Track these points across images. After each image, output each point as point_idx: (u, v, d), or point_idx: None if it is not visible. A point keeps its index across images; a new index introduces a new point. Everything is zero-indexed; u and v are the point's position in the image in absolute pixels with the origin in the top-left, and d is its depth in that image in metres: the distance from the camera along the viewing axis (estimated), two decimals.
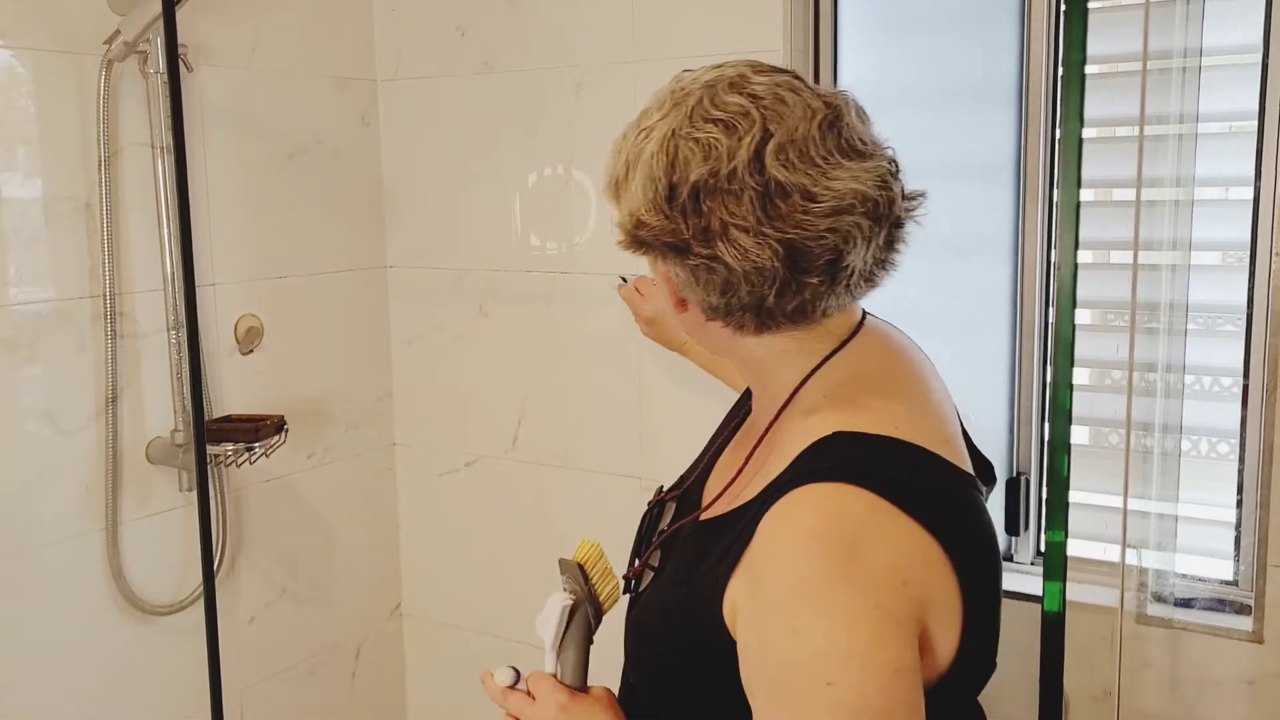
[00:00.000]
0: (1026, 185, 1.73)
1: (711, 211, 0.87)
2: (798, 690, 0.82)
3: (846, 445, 0.90)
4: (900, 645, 0.83)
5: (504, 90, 1.99)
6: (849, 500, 0.86)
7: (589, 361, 1.99)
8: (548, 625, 1.04)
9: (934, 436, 0.94)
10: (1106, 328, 1.80)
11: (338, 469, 2.14)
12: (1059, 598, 0.79)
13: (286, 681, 2.09)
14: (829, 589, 0.83)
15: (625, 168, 0.94)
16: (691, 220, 0.88)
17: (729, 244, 0.87)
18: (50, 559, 1.69)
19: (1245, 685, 1.55)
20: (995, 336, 1.79)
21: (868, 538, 0.84)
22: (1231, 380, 1.64)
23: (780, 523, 0.87)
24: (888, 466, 0.88)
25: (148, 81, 1.73)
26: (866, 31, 1.76)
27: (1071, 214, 0.74)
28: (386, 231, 2.18)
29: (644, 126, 0.93)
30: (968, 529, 0.91)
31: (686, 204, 0.88)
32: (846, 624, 0.82)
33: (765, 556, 0.87)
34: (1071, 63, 0.69)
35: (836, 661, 0.81)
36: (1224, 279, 1.63)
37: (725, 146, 0.87)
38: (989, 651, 0.95)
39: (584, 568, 1.07)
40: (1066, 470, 0.78)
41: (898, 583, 0.84)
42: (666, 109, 0.92)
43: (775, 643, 0.84)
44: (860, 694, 0.81)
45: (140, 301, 1.76)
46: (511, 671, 1.06)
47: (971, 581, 0.89)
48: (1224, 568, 1.63)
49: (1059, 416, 0.74)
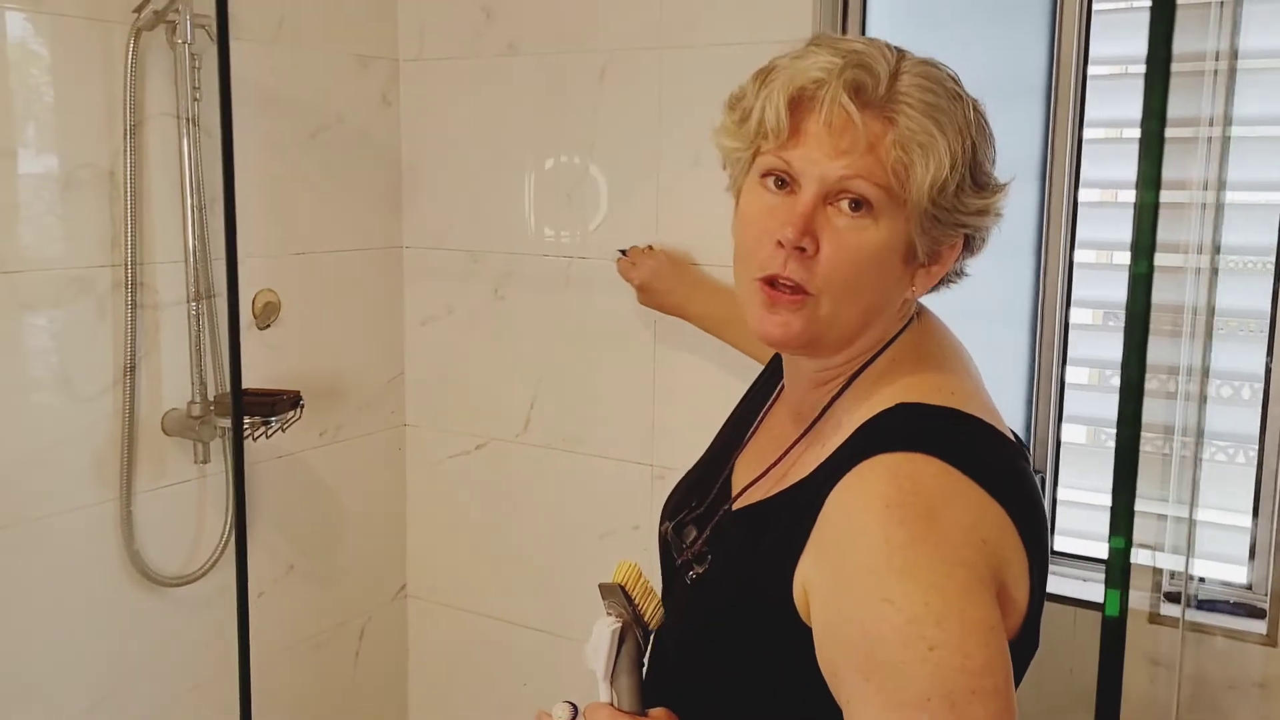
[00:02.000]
0: (1052, 183, 1.73)
1: (993, 190, 0.96)
2: (895, 661, 0.81)
3: (910, 416, 0.91)
4: (989, 601, 0.83)
5: (527, 74, 1.99)
6: (921, 467, 0.86)
7: (603, 347, 1.98)
8: (598, 654, 1.01)
9: (986, 408, 0.95)
10: (1106, 328, 1.81)
11: (348, 447, 2.14)
12: (1118, 603, 0.79)
13: (291, 658, 2.09)
14: (914, 553, 0.82)
15: (960, 139, 0.93)
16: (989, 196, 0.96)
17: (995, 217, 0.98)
18: (63, 527, 1.69)
19: (1258, 688, 1.55)
20: (1015, 334, 1.79)
21: (943, 501, 0.85)
22: (1240, 385, 1.64)
23: (853, 495, 0.87)
24: (952, 436, 0.89)
25: (175, 52, 1.72)
26: (895, 22, 1.75)
27: (1149, 215, 0.74)
28: (404, 211, 2.18)
29: (954, 93, 0.94)
30: (1027, 498, 0.91)
31: (990, 182, 0.96)
32: (937, 585, 0.81)
33: (840, 531, 0.87)
34: (1156, 59, 0.69)
35: (933, 624, 0.80)
36: (1244, 283, 1.63)
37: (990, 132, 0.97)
38: (1037, 628, 0.95)
39: (625, 589, 1.03)
40: (1134, 475, 0.78)
41: (977, 541, 0.85)
42: (951, 83, 0.95)
43: (864, 616, 0.83)
44: (961, 653, 0.80)
45: (161, 272, 1.76)
46: (569, 707, 1.03)
47: (1032, 549, 0.89)
48: (1238, 572, 1.64)
49: (1126, 419, 0.74)
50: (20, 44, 1.57)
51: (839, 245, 0.91)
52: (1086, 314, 1.80)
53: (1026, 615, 0.90)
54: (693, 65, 1.80)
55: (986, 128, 0.96)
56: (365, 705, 2.26)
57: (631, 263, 1.83)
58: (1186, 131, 1.58)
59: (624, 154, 1.91)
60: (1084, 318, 1.79)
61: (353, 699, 2.23)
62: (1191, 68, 1.57)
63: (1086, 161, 1.72)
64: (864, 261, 0.91)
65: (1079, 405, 1.79)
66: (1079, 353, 1.78)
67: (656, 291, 1.80)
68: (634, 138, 1.88)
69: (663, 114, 1.85)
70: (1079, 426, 1.82)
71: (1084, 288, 1.76)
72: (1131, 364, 0.73)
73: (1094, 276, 1.76)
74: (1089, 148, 1.71)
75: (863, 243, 0.91)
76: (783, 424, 1.07)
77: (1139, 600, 1.62)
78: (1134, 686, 1.62)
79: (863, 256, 0.91)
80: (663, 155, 1.86)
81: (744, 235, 0.96)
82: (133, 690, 1.81)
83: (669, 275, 1.80)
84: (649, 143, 1.86)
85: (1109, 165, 1.74)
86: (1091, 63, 1.70)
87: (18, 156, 1.58)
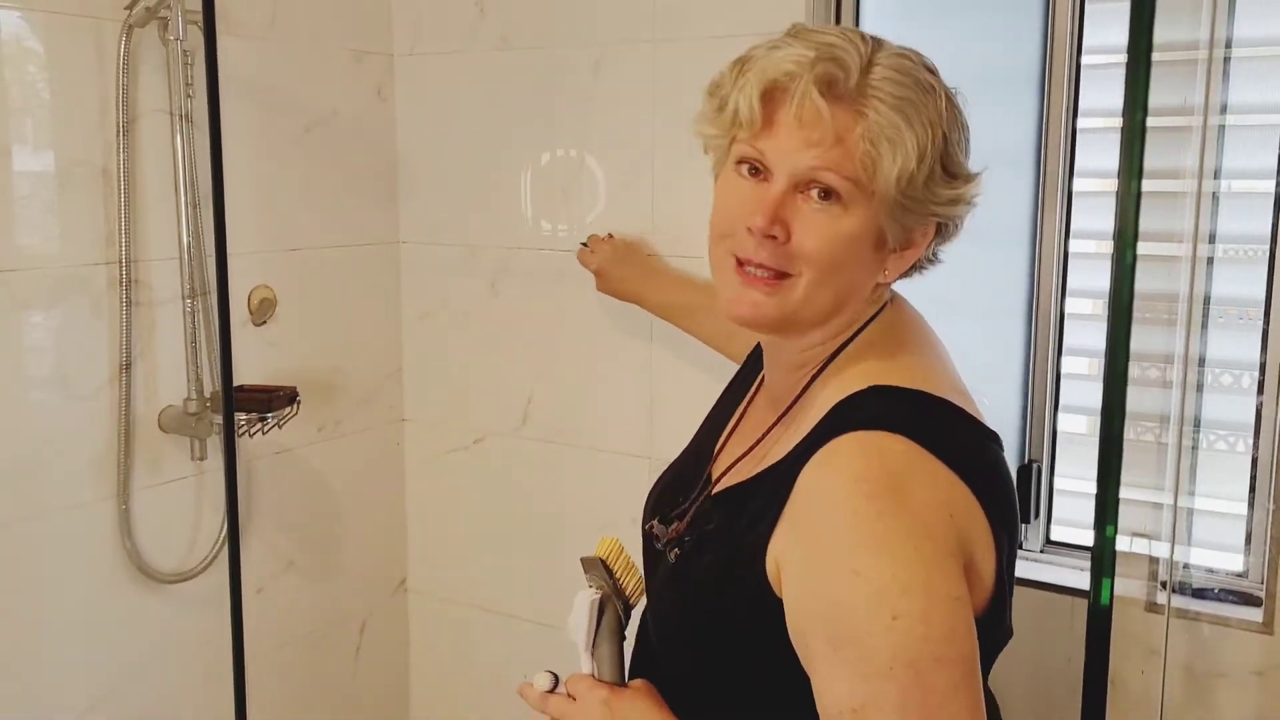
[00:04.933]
0: (1046, 173, 1.72)
1: (965, 180, 0.97)
2: (860, 630, 0.83)
3: (881, 397, 0.93)
4: (955, 574, 0.86)
5: (521, 67, 1.99)
6: (888, 444, 0.88)
7: (600, 340, 1.98)
8: (579, 625, 1.04)
9: (956, 391, 0.98)
10: (1103, 318, 1.80)
11: (347, 443, 2.14)
12: (1109, 592, 0.80)
13: (291, 654, 2.10)
14: (881, 526, 0.84)
15: (929, 132, 0.94)
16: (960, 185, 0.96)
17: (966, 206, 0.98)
18: (61, 525, 1.69)
19: (1254, 676, 1.55)
20: (1010, 324, 1.79)
21: (910, 476, 0.87)
22: (1240, 373, 1.64)
23: (823, 471, 0.89)
24: (920, 416, 0.92)
25: (168, 48, 1.72)
26: (889, 15, 1.75)
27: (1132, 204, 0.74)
28: (400, 206, 2.18)
29: (927, 85, 0.94)
30: (994, 481, 0.93)
31: (962, 172, 0.97)
32: (904, 556, 0.84)
33: (811, 505, 0.89)
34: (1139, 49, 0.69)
35: (897, 593, 0.82)
36: (1239, 272, 1.62)
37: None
38: (1006, 611, 0.96)
39: (606, 563, 1.06)
40: (1119, 465, 0.78)
41: (945, 516, 0.87)
42: (926, 74, 0.95)
43: (831, 587, 0.85)
44: (925, 621, 0.82)
45: (156, 269, 1.76)
46: (550, 676, 1.06)
47: (998, 528, 0.91)
48: (1234, 560, 1.64)
49: (1112, 410, 0.74)
50: (13, 41, 1.57)
51: (809, 232, 0.93)
52: (1085, 304, 1.80)
53: (994, 594, 0.91)
54: (686, 57, 1.80)
55: (960, 118, 0.97)
56: (366, 700, 2.26)
57: (591, 250, 1.88)
58: (1181, 120, 1.58)
59: (619, 146, 1.91)
60: (1082, 307, 1.79)
61: (354, 694, 2.23)
62: (1185, 56, 1.57)
63: (1081, 151, 1.72)
64: (835, 247, 0.94)
65: (1078, 395, 1.79)
66: (1077, 342, 1.77)
67: (611, 278, 1.85)
68: (629, 130, 1.88)
69: (657, 106, 1.85)
70: (1078, 416, 1.82)
71: (1081, 277, 1.76)
72: (1116, 352, 0.73)
73: (1091, 266, 1.75)
74: (1083, 137, 1.71)
75: (833, 230, 0.93)
76: (762, 411, 1.09)
77: (1135, 589, 1.62)
78: (1130, 675, 1.62)
79: (833, 243, 0.93)
80: (658, 147, 1.86)
81: (719, 219, 0.99)
82: (132, 687, 1.82)
83: (624, 262, 1.84)
84: (644, 135, 1.86)
85: (1103, 154, 1.74)
86: (1085, 52, 1.69)
87: (12, 154, 1.58)
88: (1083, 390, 1.79)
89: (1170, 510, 1.62)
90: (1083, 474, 1.80)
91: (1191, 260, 1.59)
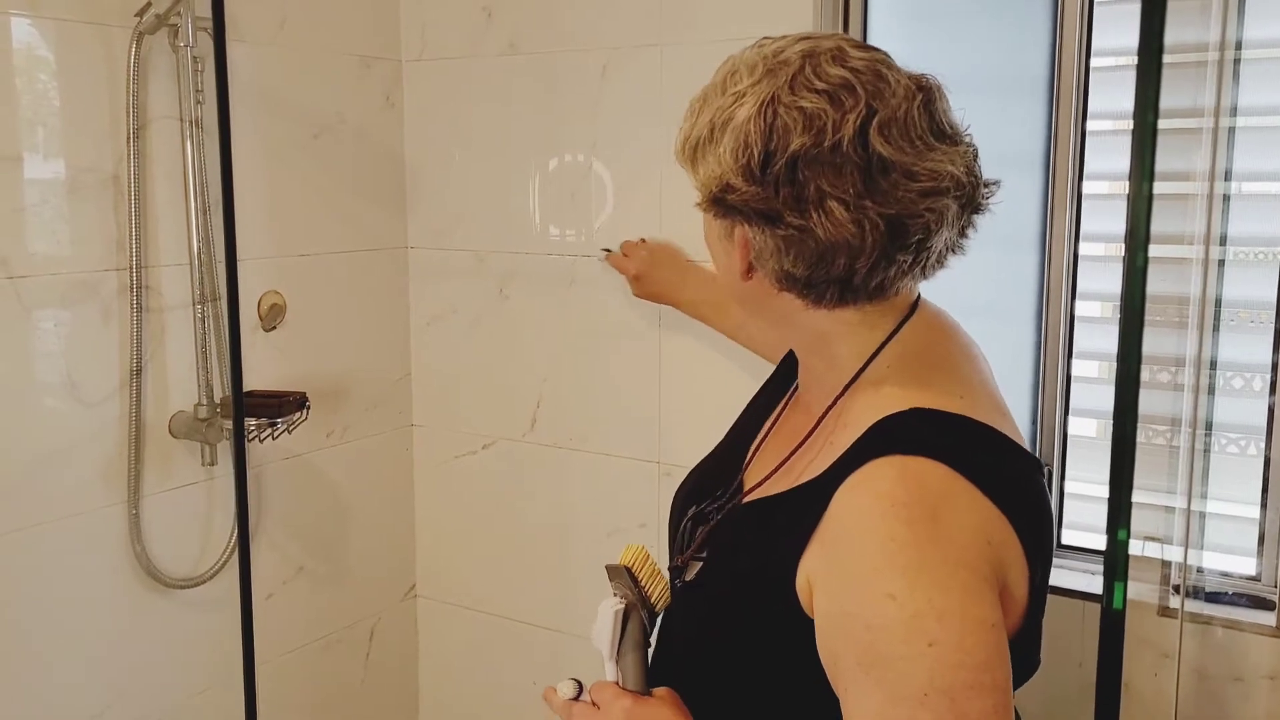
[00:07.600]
0: (1056, 176, 1.72)
1: (808, 181, 0.87)
2: (895, 654, 0.82)
3: (922, 421, 0.91)
4: (991, 601, 0.84)
5: (529, 72, 1.99)
6: (927, 470, 0.87)
7: (608, 345, 1.98)
8: (603, 633, 1.04)
9: (998, 415, 0.96)
10: (1114, 321, 1.79)
11: (356, 448, 2.14)
12: (1122, 596, 0.79)
13: (301, 659, 2.10)
14: (919, 552, 0.83)
15: (709, 129, 0.93)
16: (784, 189, 0.88)
17: (824, 215, 0.87)
18: (71, 530, 1.70)
19: (1267, 680, 1.55)
20: (1020, 328, 1.78)
21: (948, 503, 0.85)
22: (1252, 376, 1.63)
23: (861, 493, 0.88)
24: (961, 443, 0.90)
25: (177, 55, 1.72)
26: (897, 17, 1.75)
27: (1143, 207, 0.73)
28: (408, 212, 2.18)
29: (735, 90, 0.91)
30: (1032, 512, 0.91)
31: (782, 172, 0.87)
32: (940, 583, 0.82)
33: (847, 527, 0.88)
34: (1150, 51, 0.69)
35: (934, 620, 0.81)
36: (1250, 275, 1.62)
37: (830, 118, 0.86)
38: (1034, 645, 0.95)
39: (631, 571, 1.06)
40: (1131, 469, 0.78)
41: (981, 543, 0.85)
42: (759, 75, 0.90)
43: (867, 611, 0.84)
44: (960, 648, 0.81)
45: (166, 275, 1.77)
46: (574, 684, 1.06)
47: (1033, 562, 0.90)
48: (1247, 563, 1.63)
49: (1124, 413, 0.74)
50: (24, 49, 1.58)
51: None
52: (1095, 307, 1.79)
53: (1025, 625, 0.90)
54: (693, 60, 1.80)
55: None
56: (376, 705, 2.26)
57: (624, 254, 1.88)
58: (1191, 122, 1.58)
59: (627, 151, 1.91)
60: (1092, 310, 1.78)
61: (364, 699, 2.23)
62: (1195, 58, 1.56)
63: (1090, 153, 1.71)
64: (719, 263, 1.01)
65: (1089, 399, 1.79)
66: (1088, 346, 1.77)
67: (652, 280, 1.84)
68: (636, 134, 1.89)
69: (664, 110, 1.85)
70: (1089, 420, 1.82)
71: (1091, 280, 1.76)
72: (1128, 355, 0.73)
73: (1100, 269, 1.75)
74: (1092, 140, 1.71)
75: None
76: (796, 417, 1.08)
77: (1148, 593, 1.62)
78: (1143, 680, 1.61)
79: (716, 259, 1.01)
80: (665, 151, 1.84)
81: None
82: (142, 692, 1.82)
83: (662, 264, 1.83)
84: (651, 139, 1.86)
85: (1113, 157, 1.73)
86: (1094, 54, 1.69)
87: (23, 161, 1.59)
88: (1093, 393, 1.78)
89: (1182, 514, 1.62)
90: (1093, 477, 1.80)
91: (1203, 263, 1.58)
